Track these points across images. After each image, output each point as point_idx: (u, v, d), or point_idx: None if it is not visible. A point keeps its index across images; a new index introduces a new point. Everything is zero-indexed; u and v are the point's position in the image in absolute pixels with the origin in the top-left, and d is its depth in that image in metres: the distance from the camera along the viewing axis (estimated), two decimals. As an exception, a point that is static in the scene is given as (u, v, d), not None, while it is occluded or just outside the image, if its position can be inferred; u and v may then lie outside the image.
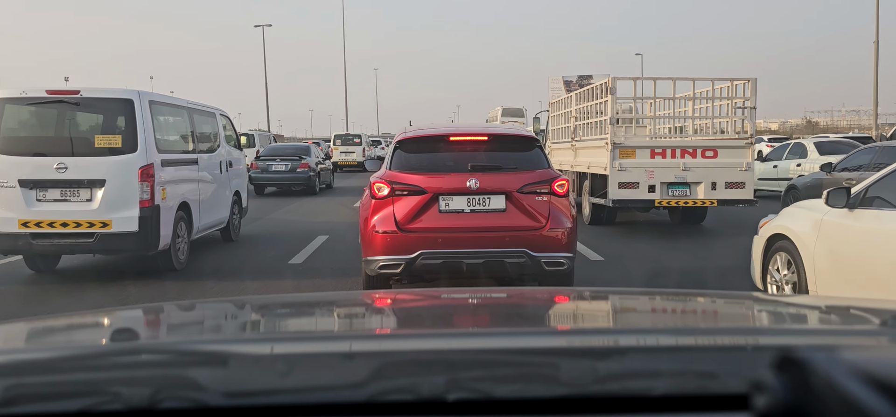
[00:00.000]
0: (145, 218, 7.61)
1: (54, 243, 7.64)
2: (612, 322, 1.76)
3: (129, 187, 7.59)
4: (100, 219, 7.51)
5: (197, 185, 9.13)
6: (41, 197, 7.56)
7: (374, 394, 0.96)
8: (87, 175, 7.57)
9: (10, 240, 7.61)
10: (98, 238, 7.55)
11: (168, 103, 8.93)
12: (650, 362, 1.09)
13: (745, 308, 1.86)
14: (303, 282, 7.78)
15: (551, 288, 4.84)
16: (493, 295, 2.23)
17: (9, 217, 7.49)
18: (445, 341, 1.29)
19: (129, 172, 7.60)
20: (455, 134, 6.47)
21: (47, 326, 1.67)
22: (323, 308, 1.94)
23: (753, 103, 11.42)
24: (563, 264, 5.86)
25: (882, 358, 0.80)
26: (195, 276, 8.21)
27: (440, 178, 5.93)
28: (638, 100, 12.40)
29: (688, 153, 11.01)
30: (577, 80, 20.44)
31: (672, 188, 11.02)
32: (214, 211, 9.82)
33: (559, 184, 5.98)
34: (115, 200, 7.55)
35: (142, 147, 7.67)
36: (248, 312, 1.89)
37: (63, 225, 7.50)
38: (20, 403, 0.97)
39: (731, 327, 1.59)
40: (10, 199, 7.53)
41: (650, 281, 7.47)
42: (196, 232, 9.10)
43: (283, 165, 20.22)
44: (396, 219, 5.81)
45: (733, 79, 11.85)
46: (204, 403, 0.96)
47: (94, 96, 7.91)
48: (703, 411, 0.96)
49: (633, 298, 2.16)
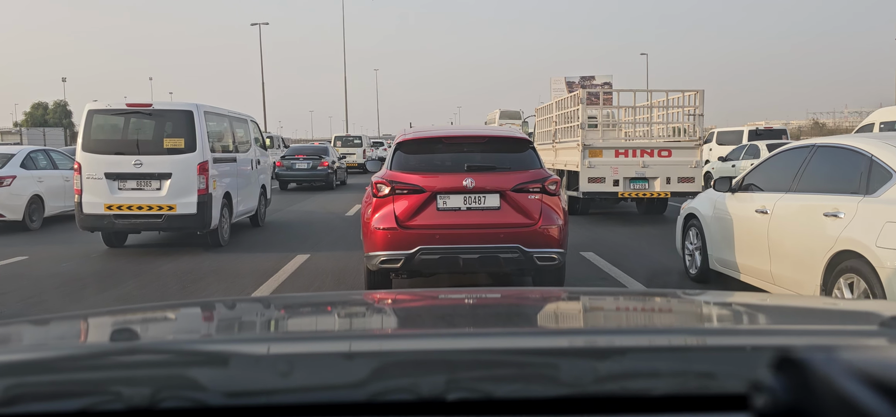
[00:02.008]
0: (202, 203, 9.37)
1: (131, 222, 9.41)
2: (612, 322, 1.71)
3: (190, 179, 9.33)
4: (167, 204, 9.28)
5: (236, 179, 10.74)
6: (122, 186, 9.34)
7: (374, 394, 0.93)
8: (157, 169, 9.32)
9: (97, 220, 9.38)
10: (165, 219, 9.33)
11: (215, 112, 10.45)
12: (650, 362, 1.05)
13: (745, 308, 1.81)
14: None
15: (551, 288, 4.85)
16: (492, 296, 2.17)
17: (97, 201, 9.30)
18: (445, 341, 1.25)
19: (189, 167, 9.34)
20: (452, 135, 6.59)
21: (47, 326, 1.62)
22: (323, 308, 1.88)
23: (701, 111, 12.78)
24: (554, 259, 5.91)
25: (881, 358, 0.77)
26: (233, 249, 9.78)
27: (438, 178, 5.98)
28: (606, 108, 14.29)
29: (646, 153, 12.46)
30: (579, 81, 20.45)
31: (633, 182, 12.42)
32: (247, 201, 11.41)
33: (550, 183, 6.05)
34: (178, 189, 9.30)
35: (199, 148, 9.40)
36: (248, 312, 1.84)
37: (139, 208, 9.29)
38: (20, 403, 0.93)
39: (730, 327, 1.54)
40: (98, 188, 9.31)
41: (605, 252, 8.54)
42: (234, 216, 10.67)
43: (305, 164, 21.97)
44: (396, 217, 5.88)
45: (685, 90, 13.33)
46: (204, 403, 0.93)
47: (163, 108, 9.68)
48: (703, 411, 0.93)
49: (633, 298, 2.11)
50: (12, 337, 1.46)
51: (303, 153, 22.64)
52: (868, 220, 4.67)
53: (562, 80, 20.89)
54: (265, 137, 13.22)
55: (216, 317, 1.79)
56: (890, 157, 4.82)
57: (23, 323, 1.65)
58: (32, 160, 12.91)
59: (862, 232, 4.66)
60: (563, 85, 20.22)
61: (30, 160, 12.83)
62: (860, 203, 4.81)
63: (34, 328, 1.59)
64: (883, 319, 1.47)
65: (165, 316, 1.81)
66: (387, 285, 6.25)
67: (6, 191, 12.00)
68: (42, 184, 12.72)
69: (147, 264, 8.73)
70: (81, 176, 9.36)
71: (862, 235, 4.65)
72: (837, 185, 5.21)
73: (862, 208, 4.78)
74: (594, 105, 14.46)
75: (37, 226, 12.42)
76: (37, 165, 12.93)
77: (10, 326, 1.61)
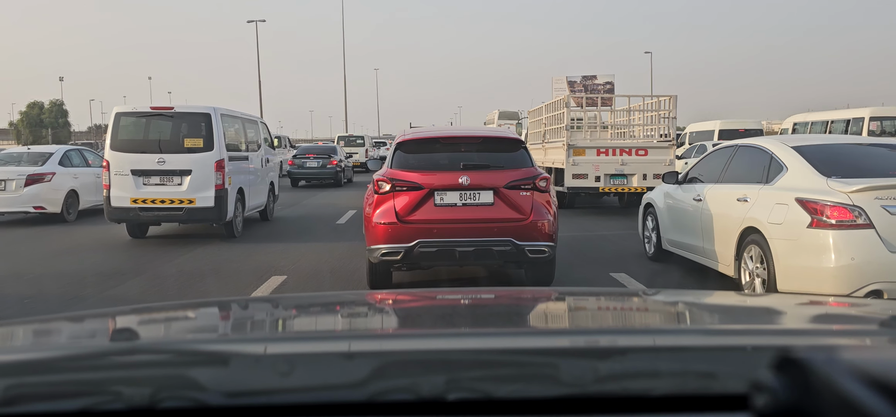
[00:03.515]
0: (219, 197, 9.83)
1: (155, 214, 9.86)
2: (612, 322, 1.66)
3: (208, 175, 9.78)
4: (187, 198, 9.76)
5: (248, 176, 11.17)
6: (146, 182, 9.81)
7: (374, 394, 0.90)
8: (179, 166, 9.80)
9: (124, 212, 9.87)
10: (185, 211, 9.79)
11: (230, 115, 10.90)
12: (650, 362, 1.01)
13: (745, 308, 1.76)
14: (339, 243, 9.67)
15: (551, 289, 4.90)
16: (492, 296, 2.12)
17: (124, 196, 9.77)
18: (445, 341, 1.21)
19: (208, 165, 9.80)
20: (449, 136, 6.78)
21: (47, 326, 1.57)
22: (323, 308, 1.83)
23: (674, 114, 13.59)
24: (544, 252, 6.05)
25: (881, 359, 0.75)
26: (246, 240, 10.22)
27: (435, 176, 6.11)
28: (590, 110, 15.03)
29: (625, 152, 13.19)
30: (580, 80, 20.26)
31: (613, 178, 13.14)
32: (258, 196, 11.81)
33: (541, 181, 6.20)
34: (198, 184, 9.77)
35: (216, 146, 9.86)
36: (248, 312, 1.80)
37: (162, 201, 9.76)
38: (20, 403, 0.90)
39: (731, 327, 1.49)
40: (125, 184, 9.78)
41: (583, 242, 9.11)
42: (246, 211, 11.09)
43: (315, 162, 22.58)
44: (397, 212, 6.01)
45: (659, 95, 14.24)
46: (204, 403, 0.89)
47: (184, 111, 10.18)
48: (703, 411, 0.90)
49: (633, 298, 2.06)
50: (12, 337, 1.42)
51: (313, 152, 23.34)
52: (764, 203, 5.66)
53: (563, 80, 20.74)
54: (273, 138, 13.76)
55: (216, 317, 1.74)
56: (784, 154, 5.84)
57: (23, 323, 1.60)
58: (68, 158, 13.69)
59: (760, 211, 5.66)
60: (564, 84, 20.05)
61: (66, 158, 13.60)
62: (761, 189, 5.82)
63: (34, 328, 1.53)
64: (883, 319, 1.44)
65: (165, 316, 1.76)
66: (388, 277, 6.37)
67: (47, 186, 12.74)
68: (77, 180, 13.42)
69: (168, 254, 9.10)
70: (110, 172, 9.84)
71: (759, 214, 5.65)
72: (749, 176, 6.19)
73: (761, 194, 5.77)
74: (580, 107, 15.20)
75: (72, 219, 13.05)
76: (72, 163, 13.68)
77: (10, 326, 1.56)
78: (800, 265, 5.17)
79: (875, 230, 4.91)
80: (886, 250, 4.89)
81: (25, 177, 12.58)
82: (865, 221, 4.93)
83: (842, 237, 4.96)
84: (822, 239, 5.04)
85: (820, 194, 5.16)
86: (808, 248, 5.12)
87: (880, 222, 4.92)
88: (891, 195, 4.98)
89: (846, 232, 4.96)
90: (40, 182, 12.70)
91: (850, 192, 5.02)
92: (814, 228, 5.10)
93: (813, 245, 5.09)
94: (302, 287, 6.94)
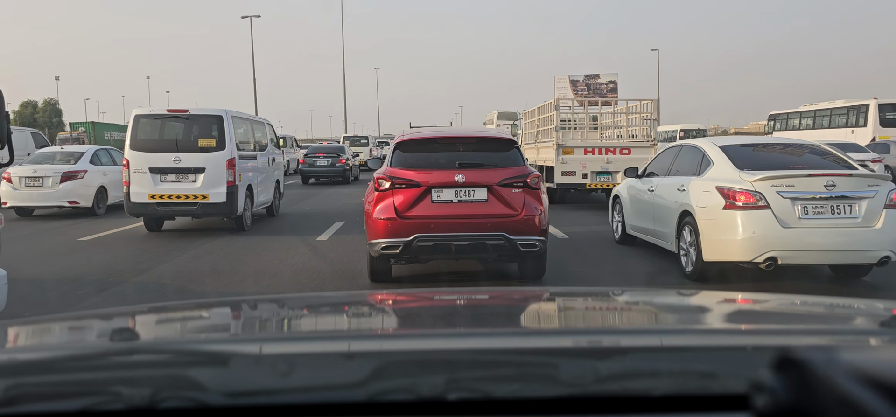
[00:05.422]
0: (230, 193, 10.20)
1: (171, 209, 10.27)
2: (612, 322, 1.62)
3: (220, 172, 10.14)
4: (201, 193, 10.13)
5: (256, 174, 11.49)
6: (163, 179, 10.16)
7: (374, 394, 0.86)
8: (193, 164, 10.17)
9: (143, 207, 10.21)
10: (199, 206, 10.17)
11: (240, 116, 11.29)
12: (650, 362, 0.97)
13: (745, 308, 1.70)
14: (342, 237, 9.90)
15: (551, 289, 4.92)
16: (492, 296, 2.06)
17: (142, 192, 10.13)
18: (445, 341, 1.17)
19: (220, 163, 10.16)
20: (445, 136, 6.88)
21: (47, 326, 1.52)
22: (323, 308, 1.78)
23: (656, 117, 14.30)
24: (535, 246, 6.16)
25: (881, 359, 0.72)
26: (255, 233, 10.57)
27: (432, 174, 6.23)
28: (577, 113, 15.66)
29: (610, 151, 13.82)
30: (583, 80, 20.22)
31: (599, 175, 13.71)
32: (265, 193, 12.10)
33: (532, 178, 6.31)
34: (210, 181, 10.13)
35: (228, 146, 10.23)
36: (248, 312, 1.74)
37: (177, 197, 10.14)
38: (20, 403, 0.86)
39: (730, 327, 1.45)
40: (143, 181, 10.12)
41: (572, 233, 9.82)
42: (255, 206, 11.37)
43: (325, 161, 23.23)
44: (396, 208, 6.14)
45: (642, 99, 14.94)
46: (204, 403, 0.86)
47: (198, 113, 10.52)
48: (703, 411, 0.86)
49: (633, 298, 2.00)
50: (12, 337, 1.36)
51: (322, 152, 23.96)
52: (695, 191, 6.66)
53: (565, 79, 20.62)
54: (279, 138, 14.12)
55: (216, 317, 1.69)
56: (712, 152, 6.83)
57: (23, 323, 1.55)
58: (98, 157, 14.23)
59: (692, 198, 6.66)
60: (566, 83, 19.95)
61: (96, 157, 14.13)
62: (694, 180, 6.82)
63: (34, 328, 1.48)
64: (883, 319, 1.40)
65: (165, 316, 1.70)
66: (387, 270, 6.46)
67: (80, 182, 13.29)
68: (106, 177, 13.92)
69: (185, 245, 9.46)
70: (129, 170, 10.16)
71: (691, 200, 6.64)
72: (687, 170, 7.15)
73: (694, 183, 6.77)
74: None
75: (102, 212, 13.53)
76: (101, 161, 14.20)
77: (10, 326, 1.50)
78: (718, 238, 6.21)
79: (771, 210, 5.98)
80: (779, 226, 5.95)
81: (61, 174, 13.11)
82: (764, 203, 6.01)
83: (746, 216, 6.05)
84: (733, 217, 6.11)
85: (733, 183, 6.23)
86: (724, 225, 6.17)
87: (775, 204, 5.99)
88: (784, 183, 6.04)
89: (750, 212, 6.04)
90: (74, 179, 13.21)
91: (753, 181, 6.08)
92: (727, 209, 6.15)
93: (727, 222, 6.14)
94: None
